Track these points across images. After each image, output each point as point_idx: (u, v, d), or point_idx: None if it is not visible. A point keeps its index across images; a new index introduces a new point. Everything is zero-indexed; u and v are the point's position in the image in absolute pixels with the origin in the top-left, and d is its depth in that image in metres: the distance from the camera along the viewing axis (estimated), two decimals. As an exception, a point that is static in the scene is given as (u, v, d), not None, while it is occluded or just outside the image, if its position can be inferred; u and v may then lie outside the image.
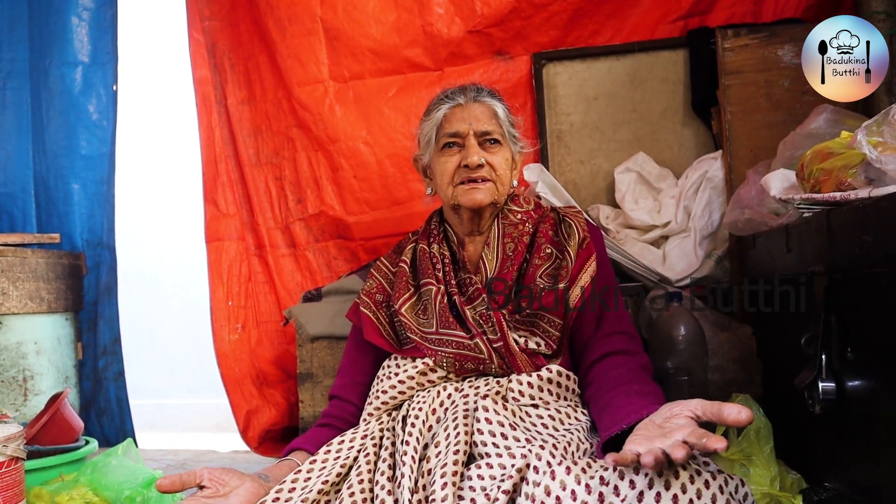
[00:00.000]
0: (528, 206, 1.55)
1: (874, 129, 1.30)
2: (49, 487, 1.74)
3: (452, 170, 1.47)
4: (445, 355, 1.39)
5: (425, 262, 1.50)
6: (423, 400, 1.34)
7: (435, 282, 1.46)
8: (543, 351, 1.38)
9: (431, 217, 1.62)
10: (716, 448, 0.87)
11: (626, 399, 1.20)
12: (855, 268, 1.28)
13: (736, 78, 2.24)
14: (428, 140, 1.53)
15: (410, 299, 1.49)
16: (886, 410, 1.20)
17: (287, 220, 2.74)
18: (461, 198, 1.46)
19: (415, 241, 1.58)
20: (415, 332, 1.44)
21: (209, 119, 2.76)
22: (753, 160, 2.11)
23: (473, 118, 1.47)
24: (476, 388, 1.34)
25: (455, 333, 1.39)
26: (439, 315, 1.42)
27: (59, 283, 2.71)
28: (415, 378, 1.39)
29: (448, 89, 1.56)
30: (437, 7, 2.54)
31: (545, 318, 1.40)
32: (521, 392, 1.32)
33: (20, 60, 2.96)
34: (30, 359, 2.60)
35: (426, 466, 1.16)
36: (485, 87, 1.56)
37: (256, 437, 2.64)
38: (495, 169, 1.46)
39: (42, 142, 2.94)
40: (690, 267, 2.20)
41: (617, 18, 2.48)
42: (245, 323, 2.71)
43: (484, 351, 1.36)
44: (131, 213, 3.37)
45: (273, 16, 2.65)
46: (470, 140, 1.46)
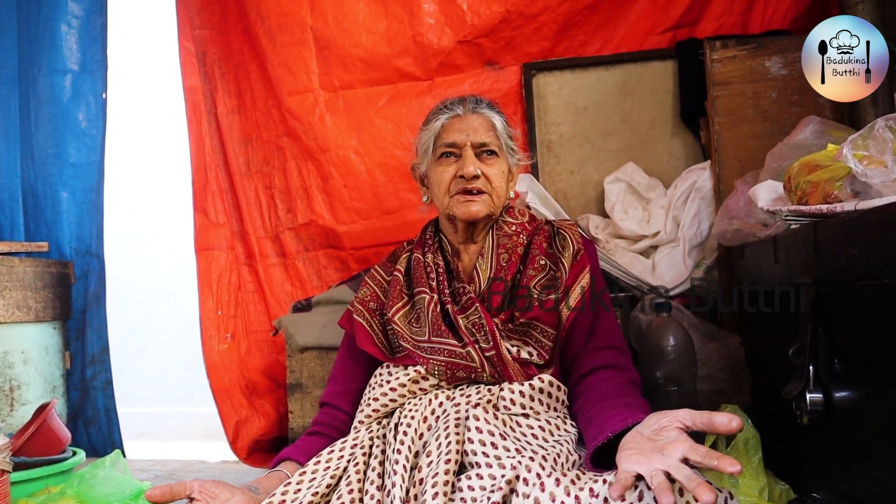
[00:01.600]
0: (523, 219, 1.56)
1: (860, 142, 1.31)
2: (35, 500, 1.73)
3: (448, 180, 1.48)
4: (437, 363, 1.39)
5: (419, 272, 1.51)
6: (414, 408, 1.34)
7: (428, 290, 1.46)
8: (536, 360, 1.38)
9: (427, 227, 1.63)
10: (731, 472, 0.87)
11: (612, 411, 1.21)
12: (841, 280, 1.29)
13: (724, 89, 2.26)
14: (425, 149, 1.54)
15: (404, 308, 1.49)
16: (873, 420, 1.20)
17: (277, 229, 2.73)
18: (456, 209, 1.47)
19: (409, 251, 1.59)
20: (407, 340, 1.43)
21: (199, 128, 2.76)
22: (742, 171, 2.12)
23: (471, 129, 1.48)
24: (468, 397, 1.35)
25: (447, 342, 1.39)
26: (432, 323, 1.42)
27: (46, 291, 2.69)
28: (406, 386, 1.39)
29: (448, 99, 1.56)
30: (428, 17, 2.55)
31: (538, 328, 1.40)
32: (512, 401, 1.32)
33: (9, 67, 2.95)
34: (17, 368, 2.58)
35: (417, 476, 1.16)
36: (484, 99, 1.56)
37: (245, 447, 2.63)
38: (491, 181, 1.47)
39: (30, 149, 2.93)
40: (679, 277, 2.21)
41: (606, 29, 2.50)
42: (234, 332, 2.70)
43: (476, 359, 1.36)
44: (120, 221, 3.35)
45: (263, 25, 2.65)
46: (467, 151, 1.46)
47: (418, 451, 1.25)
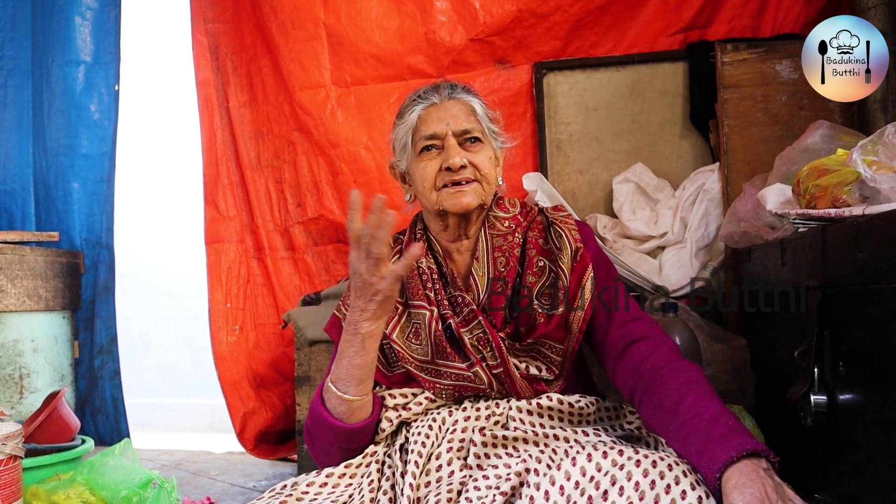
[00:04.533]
0: (515, 210, 1.46)
1: (869, 148, 1.32)
2: (46, 486, 1.75)
3: (433, 174, 1.37)
4: (444, 387, 1.32)
5: (414, 280, 1.40)
6: (420, 428, 1.29)
7: (427, 304, 1.36)
8: (545, 376, 1.32)
9: (415, 223, 1.51)
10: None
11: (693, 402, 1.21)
12: (848, 283, 1.30)
13: (734, 92, 2.26)
14: (403, 144, 1.42)
15: (399, 322, 1.38)
16: (877, 424, 1.21)
17: (286, 223, 2.75)
18: (446, 202, 1.36)
19: (398, 252, 1.47)
20: (409, 361, 1.35)
21: (211, 121, 2.78)
22: (750, 173, 2.13)
23: (451, 117, 1.37)
24: (476, 411, 1.30)
25: (454, 365, 1.32)
26: (435, 344, 1.33)
27: (56, 281, 2.71)
28: (418, 414, 1.33)
29: (420, 88, 1.45)
30: (440, 15, 2.56)
31: (546, 345, 1.34)
32: (521, 420, 1.27)
33: (22, 59, 2.97)
34: (26, 356, 2.60)
35: (417, 495, 1.16)
36: (459, 84, 1.46)
37: (252, 438, 2.65)
38: (479, 168, 1.37)
39: (42, 140, 2.95)
40: (686, 277, 2.21)
41: (618, 30, 2.51)
42: (243, 325, 2.72)
43: (484, 379, 1.30)
44: (130, 213, 3.38)
45: (276, 20, 2.67)
46: (449, 140, 1.36)
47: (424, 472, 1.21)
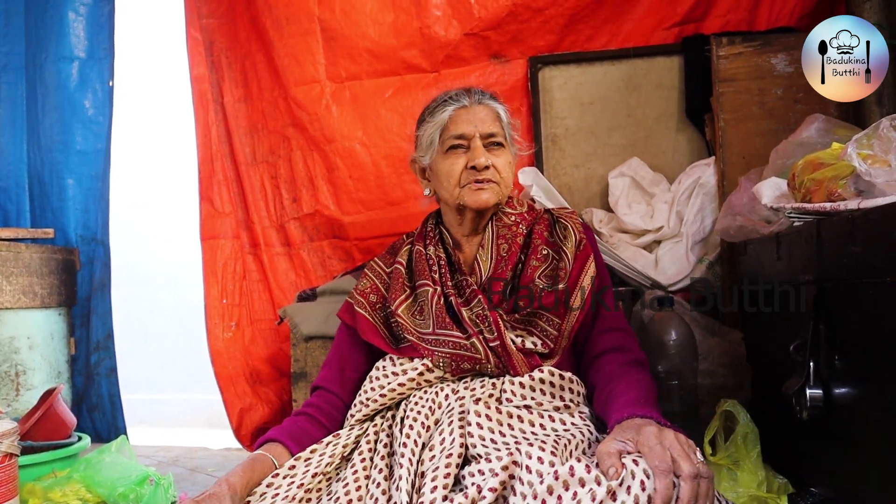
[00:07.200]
0: (522, 209, 1.57)
1: (864, 142, 1.32)
2: (42, 483, 1.75)
3: (459, 171, 1.48)
4: (442, 355, 1.39)
5: (421, 264, 1.51)
6: (420, 401, 1.35)
7: (431, 283, 1.47)
8: (540, 350, 1.39)
9: (427, 220, 1.63)
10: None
11: (619, 398, 1.25)
12: (843, 277, 1.30)
13: (730, 85, 2.26)
14: (430, 141, 1.53)
15: (406, 301, 1.49)
16: (872, 417, 1.22)
17: (282, 218, 2.75)
18: (467, 198, 1.47)
19: (410, 243, 1.60)
20: (411, 332, 1.44)
21: (206, 117, 2.77)
22: (746, 167, 2.13)
23: (479, 120, 1.49)
24: (472, 390, 1.35)
25: (452, 334, 1.40)
26: (436, 316, 1.43)
27: (52, 278, 2.71)
28: (414, 379, 1.39)
29: (450, 91, 1.56)
30: (435, 9, 2.56)
31: (544, 318, 1.41)
32: (513, 392, 1.33)
33: (16, 54, 2.96)
34: (22, 353, 2.60)
35: (420, 468, 1.17)
36: (487, 91, 1.57)
37: (249, 434, 2.65)
38: (499, 171, 1.48)
39: (37, 136, 2.94)
40: (682, 272, 2.22)
41: (613, 24, 2.50)
42: (239, 321, 2.71)
43: (480, 350, 1.37)
44: (126, 209, 3.36)
45: (271, 15, 2.66)
46: (476, 142, 1.47)
47: (425, 443, 1.26)
